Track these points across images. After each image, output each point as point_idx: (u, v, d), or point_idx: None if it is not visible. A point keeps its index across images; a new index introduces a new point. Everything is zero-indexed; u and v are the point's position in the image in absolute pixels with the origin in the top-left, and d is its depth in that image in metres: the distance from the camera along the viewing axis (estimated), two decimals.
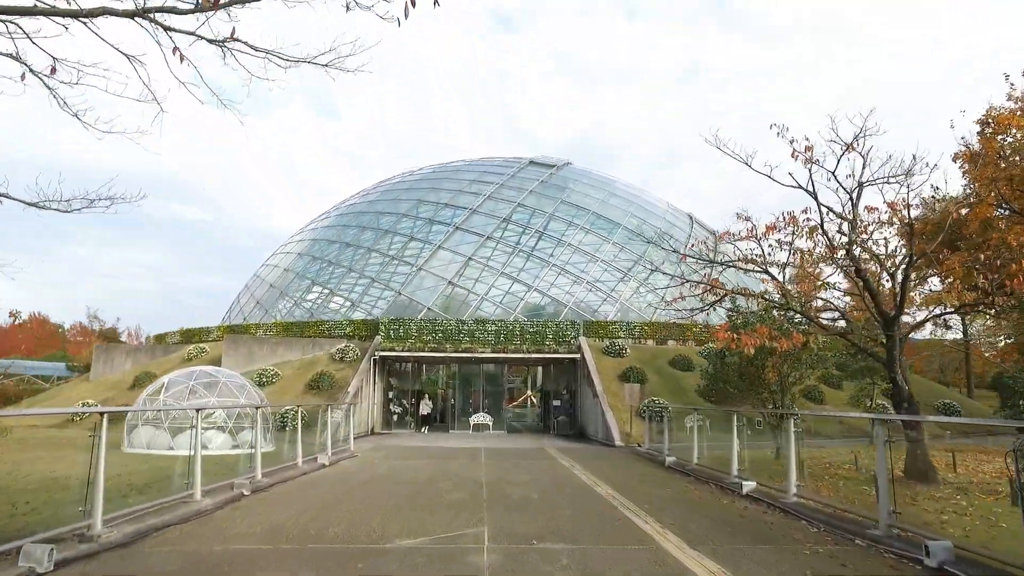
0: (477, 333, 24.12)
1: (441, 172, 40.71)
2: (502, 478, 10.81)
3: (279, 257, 38.89)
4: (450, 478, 10.77)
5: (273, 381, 22.41)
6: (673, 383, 22.05)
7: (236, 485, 8.89)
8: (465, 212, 33.16)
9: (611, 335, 25.45)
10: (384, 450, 16.45)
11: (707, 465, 12.10)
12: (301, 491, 9.27)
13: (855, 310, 12.31)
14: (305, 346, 24.90)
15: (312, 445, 14.34)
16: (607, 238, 32.16)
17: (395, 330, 24.18)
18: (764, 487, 9.41)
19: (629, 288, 30.38)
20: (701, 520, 7.37)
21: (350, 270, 32.75)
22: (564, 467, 12.82)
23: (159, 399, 14.52)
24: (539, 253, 31.39)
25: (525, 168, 38.29)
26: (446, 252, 31.25)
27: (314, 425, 18.99)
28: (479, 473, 11.58)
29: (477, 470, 12.03)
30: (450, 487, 9.72)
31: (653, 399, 19.89)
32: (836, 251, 9.84)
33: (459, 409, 26.07)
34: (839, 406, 20.81)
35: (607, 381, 21.70)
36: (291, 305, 32.69)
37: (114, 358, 28.86)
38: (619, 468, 12.78)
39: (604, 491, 9.55)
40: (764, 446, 15.23)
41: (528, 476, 11.22)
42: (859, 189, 9.47)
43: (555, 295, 29.93)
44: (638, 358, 23.58)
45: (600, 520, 7.32)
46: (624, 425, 19.03)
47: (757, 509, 8.25)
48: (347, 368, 22.94)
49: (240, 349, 24.13)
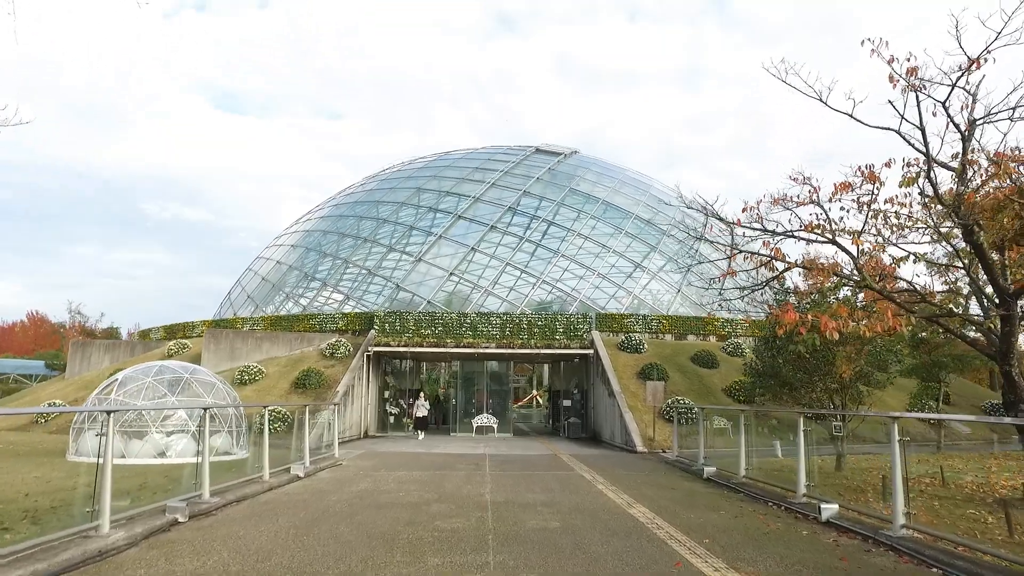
0: (481, 327, 22.04)
1: (443, 160, 38.63)
2: (512, 499, 8.73)
3: (272, 250, 36.88)
4: (447, 498, 8.70)
5: (256, 379, 20.39)
6: (697, 381, 19.94)
7: (170, 509, 6.83)
8: (469, 200, 31.09)
9: (626, 329, 23.35)
10: (374, 457, 14.39)
11: (758, 478, 10.01)
12: (252, 519, 7.21)
13: (936, 293, 10.17)
14: (293, 341, 22.86)
15: (290, 452, 12.32)
16: (619, 227, 30.07)
17: (391, 323, 22.13)
18: (850, 511, 7.31)
19: (643, 280, 28.28)
20: (790, 566, 5.28)
21: (346, 261, 30.68)
22: (585, 481, 10.73)
23: (110, 398, 12.48)
24: (547, 243, 29.32)
25: (531, 156, 36.19)
26: (448, 242, 29.20)
27: (298, 429, 17.03)
28: (483, 490, 9.50)
29: (481, 485, 9.95)
30: (446, 512, 7.66)
31: (677, 398, 17.78)
32: (934, 207, 7.74)
33: (461, 410, 23.99)
34: (887, 408, 18.63)
35: (624, 379, 19.60)
36: (283, 299, 30.68)
37: (91, 355, 26.90)
38: (650, 482, 10.69)
39: (643, 516, 7.47)
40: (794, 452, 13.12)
41: (544, 494, 9.14)
42: (971, 128, 7.35)
43: (565, 288, 27.86)
44: (657, 354, 21.47)
45: (653, 567, 5.25)
46: (646, 428, 16.92)
47: (854, 546, 6.16)
48: (338, 365, 20.91)
49: (221, 345, 22.11)
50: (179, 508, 6.82)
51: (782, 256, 8.60)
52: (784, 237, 9.12)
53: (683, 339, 24.14)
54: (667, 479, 11.12)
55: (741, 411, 10.58)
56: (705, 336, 24.47)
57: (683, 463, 13.12)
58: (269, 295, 31.38)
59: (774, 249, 8.71)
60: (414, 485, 9.91)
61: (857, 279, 8.70)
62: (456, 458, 14.39)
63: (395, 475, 11.15)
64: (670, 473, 12.06)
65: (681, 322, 24.54)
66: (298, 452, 11.92)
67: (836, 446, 10.84)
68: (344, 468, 12.26)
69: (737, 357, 22.25)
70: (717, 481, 10.57)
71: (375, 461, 13.60)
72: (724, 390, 19.43)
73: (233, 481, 9.32)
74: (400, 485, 9.91)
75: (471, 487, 9.72)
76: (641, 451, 15.99)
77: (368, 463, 13.20)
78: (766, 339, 12.27)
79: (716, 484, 10.38)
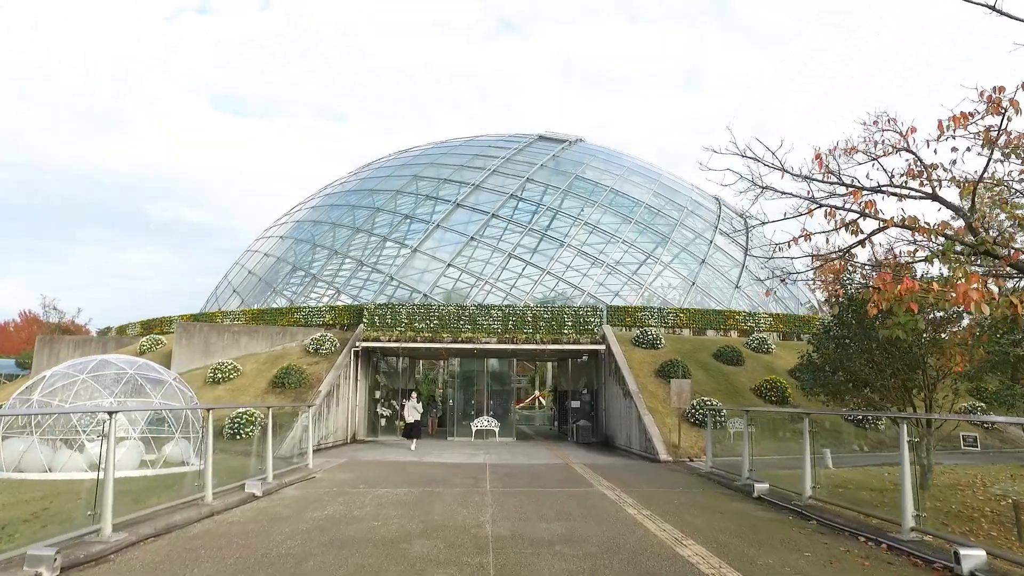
0: (480, 319, 19.96)
1: (440, 148, 36.56)
2: (520, 531, 6.65)
3: (261, 242, 34.83)
4: (435, 531, 6.62)
5: (231, 378, 18.31)
6: (723, 380, 17.84)
7: (31, 560, 4.77)
8: (469, 188, 28.99)
9: (640, 323, 21.25)
10: (355, 468, 12.32)
11: (830, 499, 7.94)
12: (158, 570, 5.15)
13: None
14: (274, 336, 20.78)
15: (250, 464, 10.28)
16: (628, 217, 28.03)
17: (381, 317, 20.04)
18: (997, 559, 5.23)
19: (655, 270, 26.22)
20: None
21: (337, 253, 28.58)
22: (608, 501, 8.65)
23: (32, 398, 10.41)
24: (553, 233, 27.25)
25: (534, 143, 34.11)
26: (446, 232, 27.12)
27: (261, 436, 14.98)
28: (483, 516, 7.43)
29: (480, 510, 7.87)
30: (432, 554, 5.59)
31: (703, 399, 15.69)
32: None
33: (460, 412, 21.88)
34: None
35: (641, 378, 17.51)
36: (270, 293, 28.59)
37: (59, 352, 24.80)
38: (691, 503, 8.62)
39: (701, 560, 5.40)
40: (849, 461, 11.04)
41: (561, 523, 7.06)
42: None
43: (571, 279, 25.79)
44: (676, 350, 19.38)
45: None
46: (669, 433, 14.84)
47: None
48: (322, 362, 18.82)
49: (194, 340, 20.05)
50: (44, 558, 4.75)
51: (876, 211, 6.53)
52: (871, 193, 7.05)
53: (702, 334, 22.07)
54: (709, 498, 9.04)
55: (805, 414, 8.48)
56: (726, 331, 22.40)
57: (720, 476, 11.05)
58: (255, 289, 29.31)
59: (865, 203, 6.64)
60: (396, 509, 7.84)
61: (969, 242, 6.63)
62: (451, 469, 12.31)
63: (375, 493, 9.08)
64: (709, 489, 9.97)
65: (700, 316, 22.45)
66: (259, 465, 9.87)
67: (919, 455, 8.76)
68: (316, 483, 10.19)
69: (763, 354, 20.22)
70: (772, 502, 8.50)
71: (355, 473, 11.51)
72: (753, 390, 17.35)
73: (161, 505, 7.28)
74: (378, 509, 7.83)
75: (467, 512, 7.65)
76: (665, 460, 13.91)
77: (347, 476, 11.12)
78: (826, 327, 10.19)
79: (773, 506, 8.30)
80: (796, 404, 17.04)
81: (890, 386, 8.91)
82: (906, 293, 5.42)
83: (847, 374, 9.25)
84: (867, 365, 8.78)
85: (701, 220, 30.45)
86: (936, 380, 8.57)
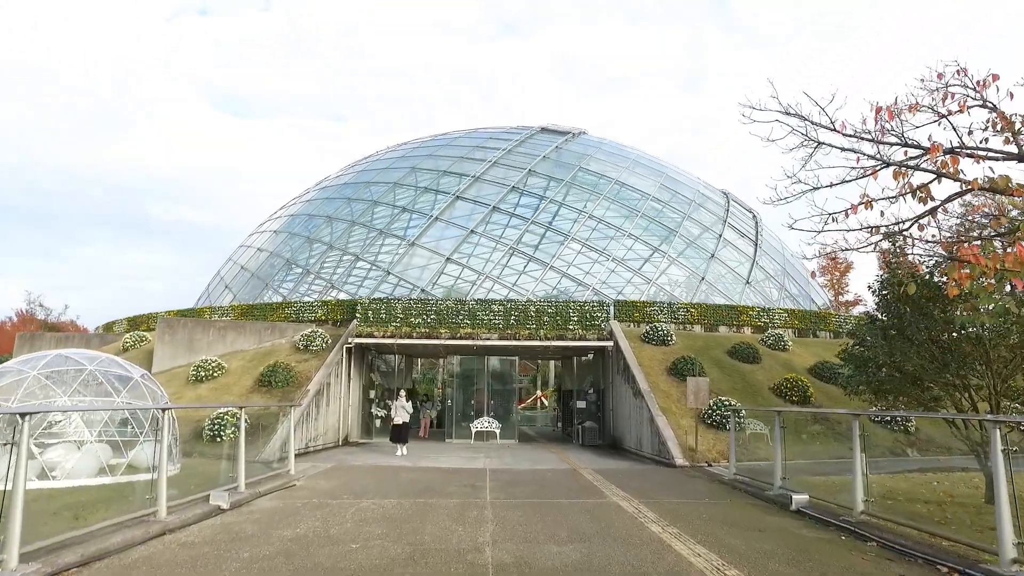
0: (480, 314, 18.84)
1: (439, 140, 35.42)
2: (526, 556, 5.53)
3: (255, 237, 33.73)
4: (424, 557, 5.50)
5: (215, 376, 17.20)
6: (739, 379, 16.72)
7: None
8: (469, 179, 27.85)
9: (649, 318, 20.13)
10: (342, 475, 11.19)
11: (884, 515, 6.81)
12: None
13: None
14: (263, 332, 19.67)
15: (220, 472, 9.19)
16: (635, 209, 26.92)
17: (375, 311, 18.92)
18: None
19: (663, 264, 25.10)
20: None
21: (331, 247, 27.46)
22: (627, 516, 7.52)
23: None
24: (557, 226, 26.13)
25: (536, 135, 32.98)
26: (447, 226, 26.01)
27: (257, 436, 13.86)
28: (482, 536, 6.31)
29: (478, 527, 6.75)
30: None
31: (721, 399, 14.56)
32: None
33: (459, 413, 20.75)
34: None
35: (652, 376, 16.39)
36: (262, 289, 27.50)
37: (40, 348, 23.63)
38: (721, 518, 7.49)
39: None
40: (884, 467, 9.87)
41: (574, 546, 5.94)
42: None
43: (576, 275, 24.69)
44: (688, 347, 18.25)
45: None
46: (685, 436, 13.71)
47: None
48: (312, 359, 17.71)
49: (177, 336, 18.94)
50: None
51: (957, 171, 5.41)
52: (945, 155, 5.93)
53: (714, 330, 20.93)
54: (741, 512, 7.92)
55: (854, 415, 7.35)
56: (738, 328, 21.27)
57: (746, 484, 9.93)
58: (248, 285, 28.19)
59: (941, 162, 5.52)
60: (380, 526, 6.72)
61: None
62: (448, 475, 11.19)
63: (359, 506, 7.95)
64: (737, 500, 8.85)
65: (711, 311, 21.32)
66: (230, 472, 8.76)
67: (983, 462, 7.63)
68: (294, 492, 9.08)
69: (780, 351, 19.10)
70: (816, 516, 7.38)
71: (340, 481, 10.39)
72: (772, 389, 16.23)
73: (104, 523, 6.16)
74: (359, 527, 6.71)
75: (464, 531, 6.52)
76: (681, 464, 12.79)
77: (330, 484, 10.00)
78: (871, 316, 9.07)
79: (818, 522, 7.18)
80: (818, 404, 15.96)
81: (953, 383, 7.78)
82: (1015, 264, 4.30)
83: (895, 369, 8.10)
84: (925, 359, 7.64)
85: (709, 214, 29.34)
86: (1009, 375, 7.46)
